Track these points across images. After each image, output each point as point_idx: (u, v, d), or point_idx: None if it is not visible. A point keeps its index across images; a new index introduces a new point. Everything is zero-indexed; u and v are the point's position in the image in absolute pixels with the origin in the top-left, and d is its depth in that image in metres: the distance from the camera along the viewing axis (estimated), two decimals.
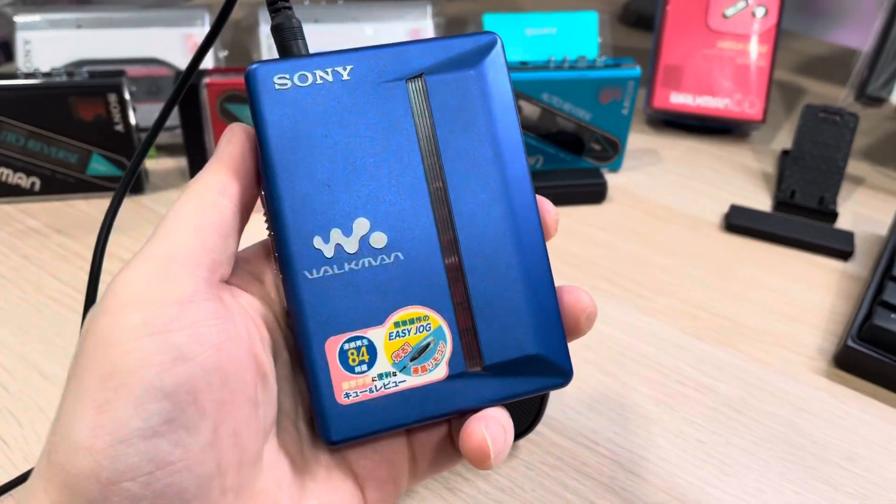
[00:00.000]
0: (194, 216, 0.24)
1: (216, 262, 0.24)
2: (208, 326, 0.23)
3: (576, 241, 0.56)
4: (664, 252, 0.56)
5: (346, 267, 0.25)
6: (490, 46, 0.27)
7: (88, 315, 0.23)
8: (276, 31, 0.27)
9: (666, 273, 0.54)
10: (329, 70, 0.25)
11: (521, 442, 0.41)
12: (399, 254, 0.25)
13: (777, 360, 0.47)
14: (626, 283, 0.53)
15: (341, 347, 0.25)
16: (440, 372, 0.26)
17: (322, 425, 0.25)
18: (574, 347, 0.48)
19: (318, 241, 0.25)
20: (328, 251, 0.25)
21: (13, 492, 0.37)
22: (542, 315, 0.26)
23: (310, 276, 0.25)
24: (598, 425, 0.42)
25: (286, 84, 0.25)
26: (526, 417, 0.39)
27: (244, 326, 0.24)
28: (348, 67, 0.26)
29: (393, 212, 0.25)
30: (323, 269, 0.25)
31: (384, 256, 0.25)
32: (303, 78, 0.25)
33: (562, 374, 0.27)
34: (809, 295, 0.53)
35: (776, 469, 0.40)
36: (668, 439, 0.42)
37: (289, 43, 0.27)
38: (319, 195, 0.25)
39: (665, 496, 0.38)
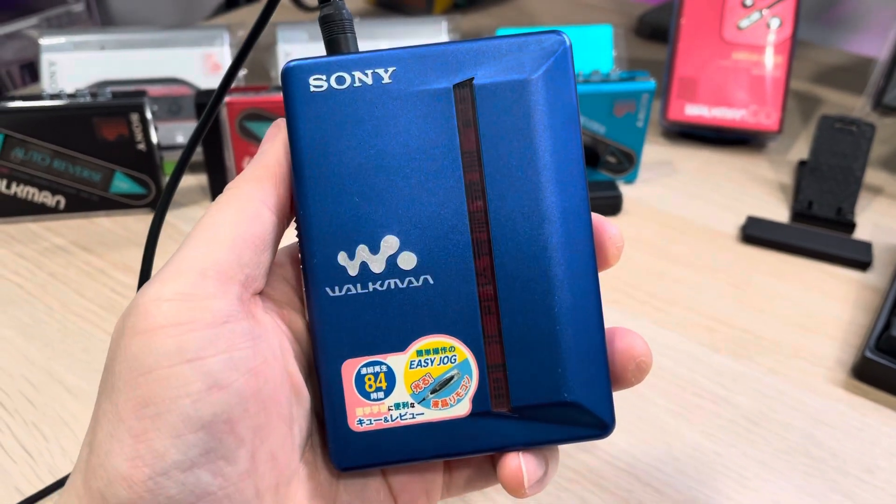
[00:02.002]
0: (232, 227, 0.23)
1: (250, 278, 0.23)
2: (243, 349, 0.22)
3: None
4: (680, 264, 0.56)
5: (371, 287, 0.23)
6: (554, 49, 0.24)
7: (120, 326, 0.22)
8: (324, 22, 0.25)
9: (682, 285, 0.54)
10: (369, 72, 0.23)
11: None
12: (428, 277, 0.24)
13: (794, 372, 0.47)
14: (642, 295, 0.53)
15: (358, 371, 0.24)
16: (462, 408, 0.24)
17: (332, 450, 0.24)
18: None
19: (342, 258, 0.23)
20: (352, 269, 0.23)
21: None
22: (585, 358, 0.24)
23: (331, 294, 0.23)
24: (615, 438, 0.42)
25: (322, 86, 0.23)
26: None
27: (277, 343, 0.24)
28: (390, 70, 0.23)
29: (426, 232, 0.24)
30: (346, 287, 0.23)
31: (412, 279, 0.24)
32: (340, 80, 0.23)
33: (600, 426, 0.24)
34: (827, 306, 0.52)
35: (794, 481, 0.40)
36: (686, 452, 0.42)
37: (336, 37, 0.25)
38: (348, 208, 0.23)
39: None
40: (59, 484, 0.39)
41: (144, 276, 0.31)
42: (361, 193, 0.23)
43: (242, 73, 0.67)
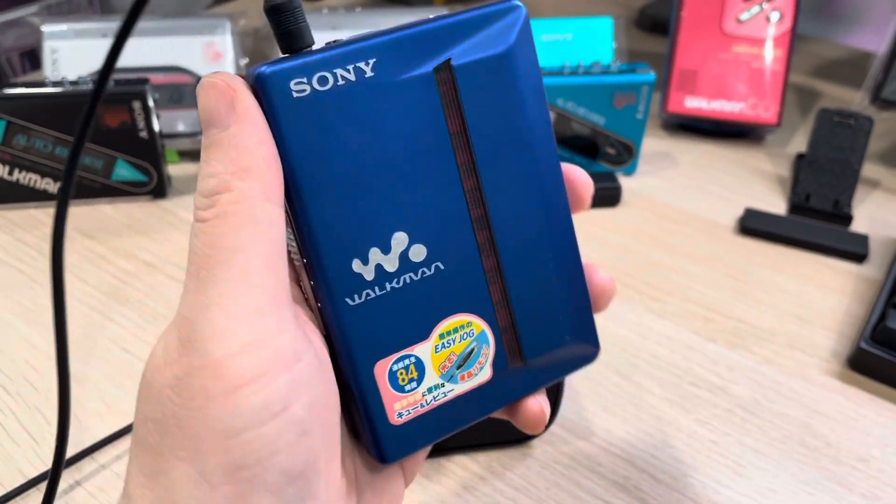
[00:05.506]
0: (257, 244, 0.20)
1: (288, 290, 0.21)
2: (315, 385, 0.21)
3: (590, 245, 0.57)
4: (678, 255, 0.57)
5: (388, 287, 0.23)
6: (517, 20, 0.24)
7: (186, 387, 0.20)
8: (277, 12, 0.21)
9: (680, 276, 0.54)
10: (350, 67, 0.22)
11: (536, 442, 0.41)
12: (439, 264, 0.24)
13: (790, 362, 0.47)
14: (640, 285, 0.53)
15: (390, 369, 0.24)
16: (485, 374, 0.25)
17: (376, 448, 0.24)
18: None
19: (357, 265, 0.23)
20: (368, 274, 0.23)
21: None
22: (574, 300, 0.27)
23: (352, 303, 0.23)
24: (612, 426, 0.43)
25: (304, 90, 0.21)
26: None
27: (325, 357, 0.23)
28: (371, 61, 0.22)
29: (429, 220, 0.23)
30: (364, 293, 0.23)
31: (425, 269, 0.24)
32: (322, 80, 0.21)
33: (592, 354, 0.28)
34: (823, 297, 0.53)
35: (789, 470, 0.41)
36: (681, 440, 0.42)
37: (295, 28, 0.22)
38: (353, 214, 0.22)
39: (678, 496, 0.39)
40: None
41: (57, 266, 0.28)
42: (363, 195, 0.22)
43: (243, 61, 0.68)
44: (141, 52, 0.65)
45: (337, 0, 1.02)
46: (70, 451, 0.40)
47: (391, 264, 0.23)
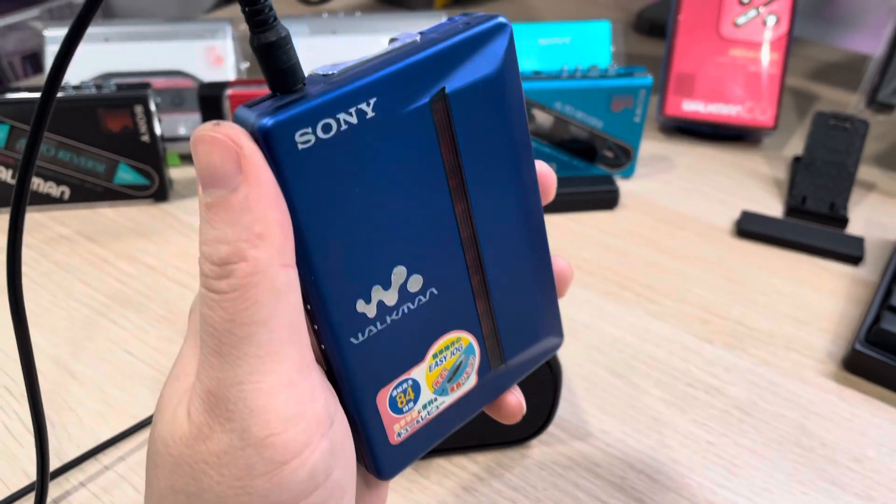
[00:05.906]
0: (280, 315, 0.20)
1: (311, 352, 0.21)
2: (348, 446, 0.22)
3: (588, 247, 0.58)
4: (675, 257, 0.57)
5: (388, 320, 0.23)
6: (504, 38, 0.24)
7: (226, 465, 0.20)
8: (271, 49, 0.20)
9: (677, 278, 0.55)
10: (353, 111, 0.21)
11: (534, 442, 0.42)
12: (433, 289, 0.24)
13: (786, 364, 0.48)
14: (638, 287, 0.54)
15: (390, 395, 0.24)
16: (471, 382, 0.27)
17: (376, 467, 0.25)
18: (586, 350, 0.49)
19: (360, 305, 0.23)
20: (371, 311, 0.23)
21: None
22: (546, 300, 0.28)
23: (356, 342, 0.23)
24: (610, 427, 0.43)
25: (310, 140, 0.20)
26: (538, 419, 0.41)
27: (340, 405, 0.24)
28: (372, 101, 0.21)
29: (424, 249, 0.24)
30: (368, 330, 0.23)
31: (421, 297, 0.24)
32: (327, 128, 0.20)
33: (558, 344, 0.30)
34: (819, 299, 0.53)
35: (784, 470, 0.41)
36: (678, 440, 0.43)
37: (288, 66, 0.20)
38: (356, 256, 0.22)
39: (675, 496, 0.39)
40: (65, 468, 0.40)
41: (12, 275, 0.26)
42: (366, 237, 0.22)
43: (245, 66, 0.68)
44: (142, 56, 0.65)
45: (337, 4, 1.02)
46: (73, 453, 0.41)
47: (391, 298, 0.23)
